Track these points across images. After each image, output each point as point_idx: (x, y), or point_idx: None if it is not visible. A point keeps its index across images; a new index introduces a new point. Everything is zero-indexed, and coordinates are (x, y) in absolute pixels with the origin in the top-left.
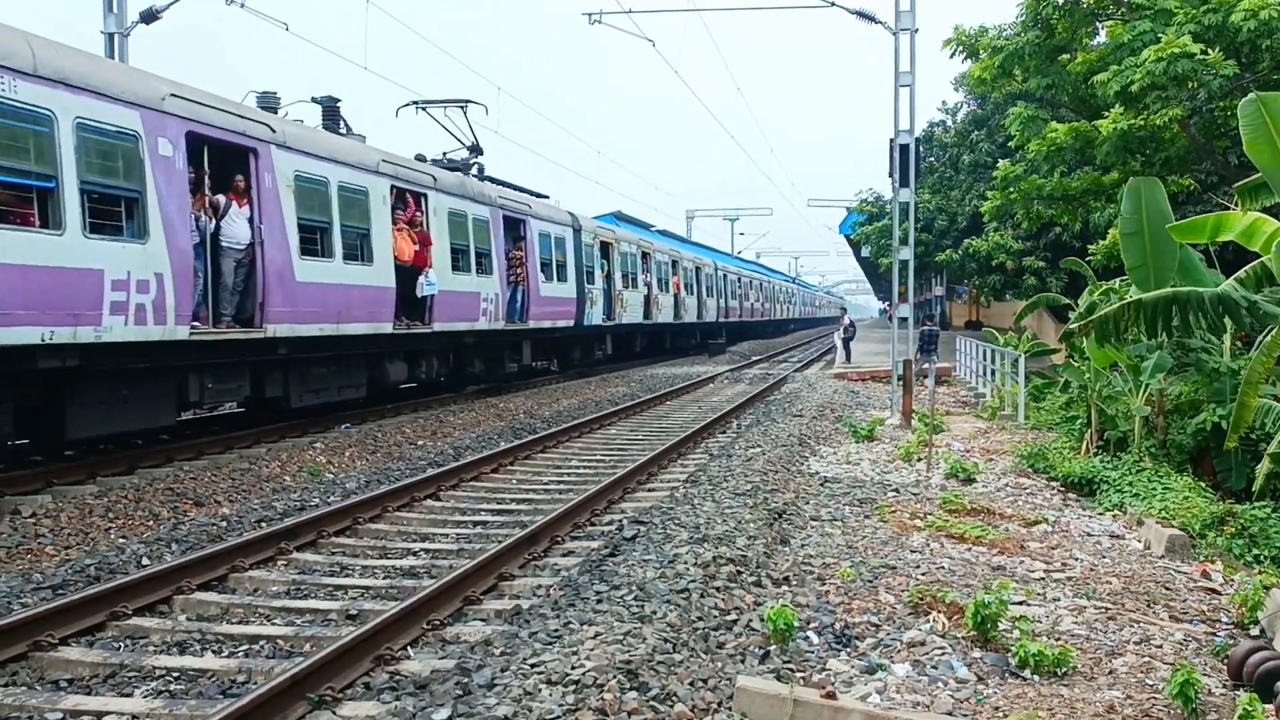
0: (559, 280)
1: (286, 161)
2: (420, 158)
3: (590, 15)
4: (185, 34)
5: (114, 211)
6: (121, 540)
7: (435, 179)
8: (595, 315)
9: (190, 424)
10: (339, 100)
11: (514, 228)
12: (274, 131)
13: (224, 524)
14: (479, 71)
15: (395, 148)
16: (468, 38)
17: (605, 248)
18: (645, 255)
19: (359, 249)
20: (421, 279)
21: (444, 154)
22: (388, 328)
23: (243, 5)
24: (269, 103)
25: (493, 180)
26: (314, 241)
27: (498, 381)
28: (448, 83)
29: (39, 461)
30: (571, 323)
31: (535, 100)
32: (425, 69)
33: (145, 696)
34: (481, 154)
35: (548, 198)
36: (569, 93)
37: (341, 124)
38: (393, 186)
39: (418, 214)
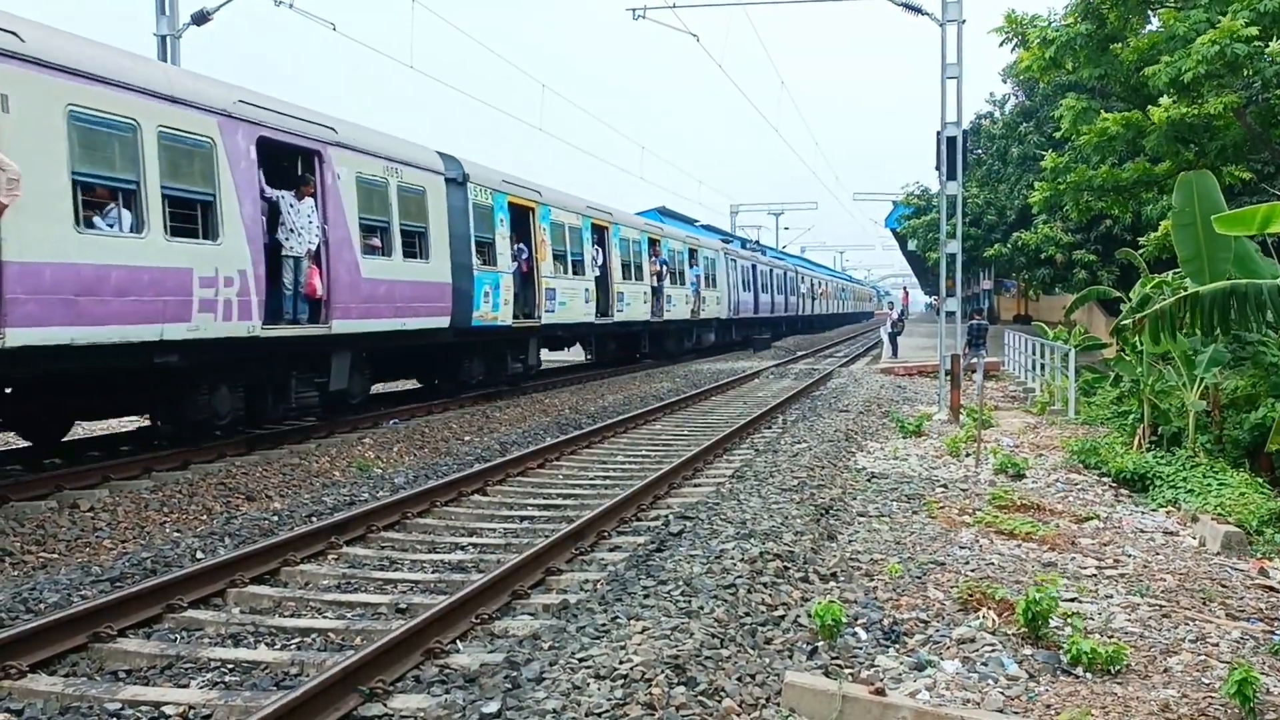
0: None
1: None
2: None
3: (634, 11)
4: (234, 34)
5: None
6: (176, 534)
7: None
8: (723, 310)
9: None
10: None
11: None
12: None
13: (275, 518)
14: (525, 70)
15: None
16: (512, 35)
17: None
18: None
19: (640, 273)
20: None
21: None
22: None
23: (291, 6)
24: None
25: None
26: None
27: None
28: (493, 80)
29: (97, 457)
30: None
31: (580, 96)
32: (471, 67)
33: (201, 687)
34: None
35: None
36: (613, 89)
37: None
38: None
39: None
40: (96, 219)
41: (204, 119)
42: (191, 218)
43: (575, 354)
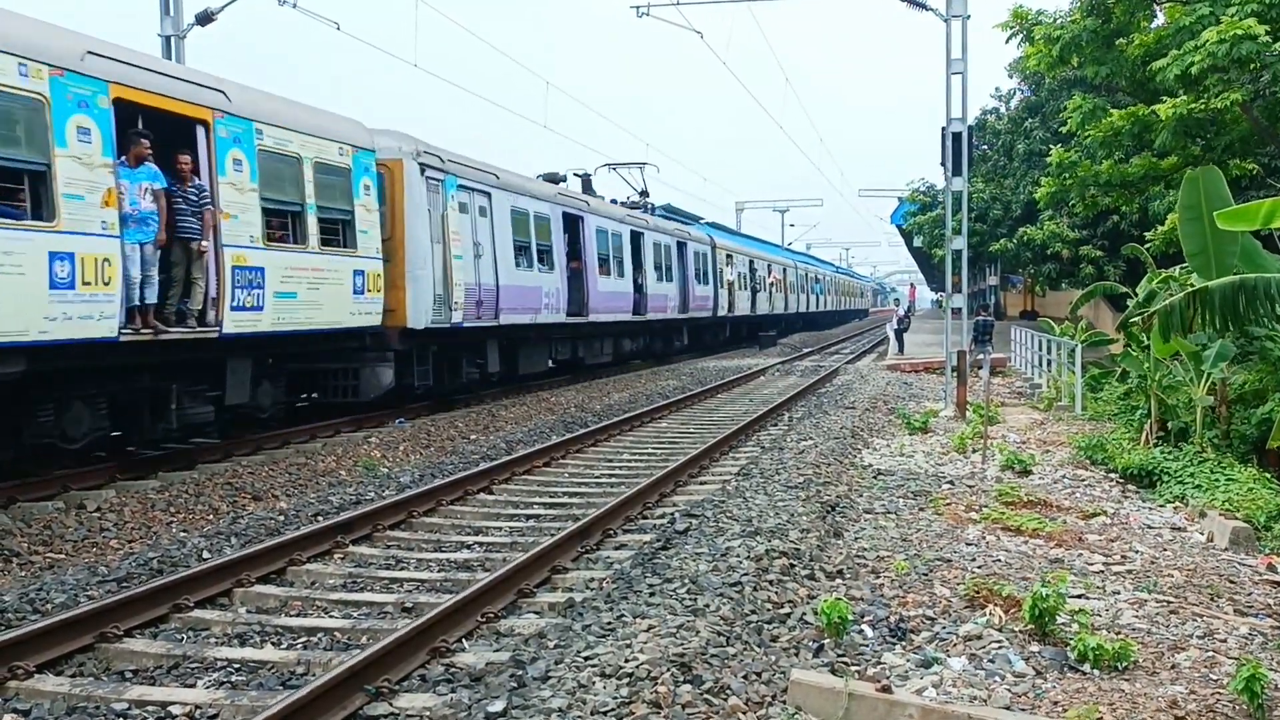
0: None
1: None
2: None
3: (638, 9)
4: (237, 34)
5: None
6: (183, 534)
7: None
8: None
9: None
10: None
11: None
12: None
13: (281, 518)
14: (529, 67)
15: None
16: (514, 33)
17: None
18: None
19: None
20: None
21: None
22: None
23: (295, 5)
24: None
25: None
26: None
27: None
28: (497, 78)
29: (103, 458)
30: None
31: (583, 94)
32: (474, 65)
33: (208, 687)
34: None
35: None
36: (616, 85)
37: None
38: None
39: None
40: None
41: None
42: None
43: None
